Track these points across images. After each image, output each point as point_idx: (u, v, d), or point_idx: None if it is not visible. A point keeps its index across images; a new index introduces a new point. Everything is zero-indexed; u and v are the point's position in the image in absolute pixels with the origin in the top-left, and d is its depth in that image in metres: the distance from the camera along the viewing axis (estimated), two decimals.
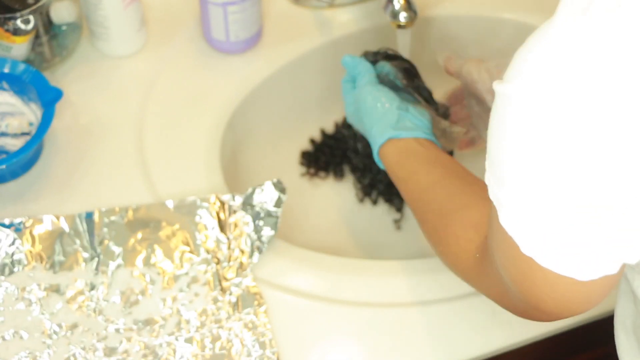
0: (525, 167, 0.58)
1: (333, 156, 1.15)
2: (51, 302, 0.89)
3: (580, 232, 0.58)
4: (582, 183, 0.56)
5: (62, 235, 0.92)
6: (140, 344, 0.87)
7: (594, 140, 0.54)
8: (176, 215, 0.94)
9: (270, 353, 0.87)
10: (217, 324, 0.89)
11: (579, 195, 0.56)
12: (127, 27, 1.06)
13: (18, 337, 0.88)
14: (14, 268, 0.91)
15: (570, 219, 0.57)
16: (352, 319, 0.90)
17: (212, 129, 1.03)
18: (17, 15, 0.99)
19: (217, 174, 0.99)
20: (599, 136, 0.54)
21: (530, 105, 0.56)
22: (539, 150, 0.57)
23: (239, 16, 1.04)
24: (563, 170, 0.56)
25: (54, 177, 0.98)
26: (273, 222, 0.93)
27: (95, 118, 1.03)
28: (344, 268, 0.93)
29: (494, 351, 0.89)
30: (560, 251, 0.59)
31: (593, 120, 0.54)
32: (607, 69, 0.53)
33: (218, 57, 1.09)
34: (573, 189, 0.56)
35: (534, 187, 0.58)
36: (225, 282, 0.91)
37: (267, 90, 1.09)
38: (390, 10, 1.03)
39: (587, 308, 0.64)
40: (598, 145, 0.54)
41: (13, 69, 0.99)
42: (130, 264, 0.92)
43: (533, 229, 0.59)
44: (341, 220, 1.12)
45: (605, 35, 0.53)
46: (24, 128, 1.01)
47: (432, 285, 0.92)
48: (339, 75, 1.15)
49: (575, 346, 1.01)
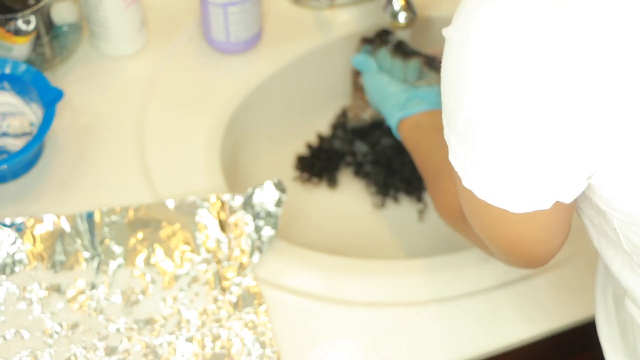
0: (463, 103, 0.61)
1: (329, 161, 1.15)
2: (52, 302, 0.90)
3: (514, 166, 0.61)
4: (516, 121, 0.59)
5: (63, 235, 0.93)
6: (141, 343, 0.88)
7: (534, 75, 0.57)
8: (177, 215, 0.94)
9: (271, 352, 0.87)
10: (217, 324, 0.89)
11: (512, 132, 0.60)
12: (128, 27, 1.06)
13: (19, 336, 0.88)
14: (15, 268, 0.91)
15: (505, 154, 0.61)
16: (352, 319, 0.90)
17: (213, 129, 1.03)
18: (18, 15, 1.00)
19: (217, 174, 1.00)
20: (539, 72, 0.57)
21: (466, 44, 0.60)
22: (477, 86, 0.60)
23: (239, 16, 1.04)
24: (500, 106, 0.59)
25: (55, 177, 0.99)
26: (273, 222, 0.93)
27: (96, 118, 1.03)
28: (344, 268, 0.93)
29: (494, 351, 0.90)
30: (495, 183, 0.63)
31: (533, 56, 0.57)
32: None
33: (218, 57, 1.09)
34: (512, 123, 0.59)
35: (476, 122, 0.61)
36: (225, 282, 0.91)
37: (268, 90, 1.09)
38: (390, 10, 1.03)
39: (551, 247, 0.70)
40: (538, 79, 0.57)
41: (14, 69, 0.99)
42: (131, 264, 0.92)
43: (473, 163, 0.63)
44: (341, 220, 1.12)
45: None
46: (25, 128, 1.01)
47: (432, 285, 0.92)
48: (339, 75, 1.15)
49: (575, 346, 1.01)
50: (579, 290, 0.92)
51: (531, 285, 0.92)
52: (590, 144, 0.59)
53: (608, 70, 0.56)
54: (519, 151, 0.60)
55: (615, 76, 0.57)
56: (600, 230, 0.71)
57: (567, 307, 0.91)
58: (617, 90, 0.57)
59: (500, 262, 0.77)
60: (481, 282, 0.92)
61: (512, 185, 0.63)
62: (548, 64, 0.57)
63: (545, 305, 0.91)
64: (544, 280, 0.92)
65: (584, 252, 0.94)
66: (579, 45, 0.56)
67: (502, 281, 0.92)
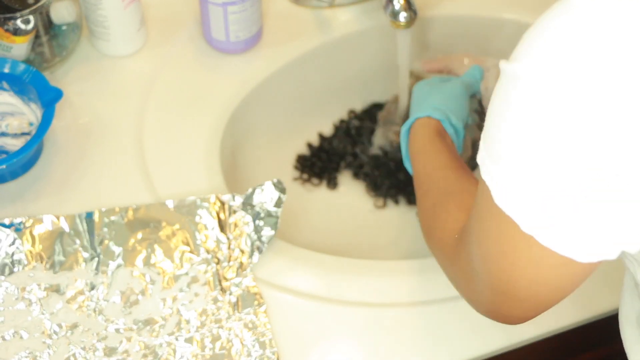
0: (528, 146, 0.57)
1: (330, 162, 1.15)
2: (51, 302, 0.89)
3: (583, 211, 0.57)
4: (586, 164, 0.55)
5: (62, 235, 0.92)
6: (140, 344, 0.87)
7: (602, 122, 0.54)
8: (176, 215, 0.94)
9: (270, 353, 0.87)
10: (217, 324, 0.89)
11: (581, 176, 0.56)
12: (127, 27, 1.06)
13: (18, 337, 0.88)
14: (14, 268, 0.91)
15: (573, 199, 0.57)
16: (352, 319, 0.90)
17: (212, 128, 1.03)
18: (17, 15, 0.99)
19: (217, 174, 0.99)
20: (608, 118, 0.54)
21: (540, 86, 0.56)
22: (543, 129, 0.56)
23: (239, 16, 1.04)
24: (569, 150, 0.56)
25: (54, 177, 0.98)
26: (273, 222, 0.93)
27: (95, 118, 1.03)
28: (344, 268, 0.93)
29: (494, 351, 0.89)
30: (562, 230, 0.58)
31: (604, 103, 0.54)
32: (628, 53, 0.53)
33: (218, 57, 1.09)
34: (577, 169, 0.56)
35: (537, 166, 0.57)
36: (225, 282, 0.91)
37: (268, 90, 1.09)
38: (390, 10, 1.03)
39: (558, 299, 0.64)
40: (606, 126, 0.54)
41: (13, 69, 0.99)
42: (130, 264, 0.92)
43: (534, 207, 0.58)
44: (341, 220, 1.12)
45: (629, 17, 0.53)
46: (24, 128, 1.01)
47: (432, 285, 0.92)
48: (339, 75, 1.15)
49: (575, 346, 1.01)
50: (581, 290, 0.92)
51: None
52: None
53: None
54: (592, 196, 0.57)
55: None
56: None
57: (567, 308, 0.91)
58: None
59: (473, 305, 0.72)
60: None
61: (581, 232, 0.58)
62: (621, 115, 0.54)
63: None
64: None
65: None
66: None
67: None
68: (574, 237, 0.58)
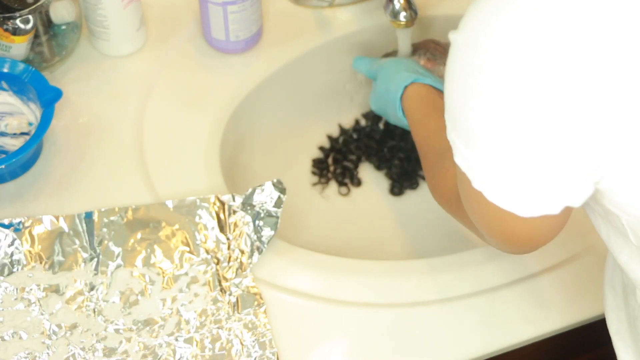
0: (471, 107, 0.62)
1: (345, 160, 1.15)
2: (50, 303, 0.89)
3: (523, 170, 0.62)
4: (528, 125, 0.60)
5: (61, 236, 0.92)
6: (139, 344, 0.87)
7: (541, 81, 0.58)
8: (176, 215, 0.93)
9: (270, 353, 0.87)
10: (216, 325, 0.88)
11: (523, 135, 0.60)
12: (127, 26, 1.06)
13: (17, 337, 0.88)
14: (13, 268, 0.91)
15: (515, 157, 0.62)
16: (352, 319, 0.90)
17: (212, 128, 1.03)
18: (16, 14, 0.99)
19: (216, 174, 0.99)
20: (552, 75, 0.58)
21: (476, 49, 0.60)
22: (487, 91, 0.60)
23: (239, 16, 1.04)
24: (508, 110, 0.60)
25: (53, 177, 0.98)
26: (273, 222, 0.93)
27: (95, 118, 1.03)
28: (344, 268, 0.93)
29: (494, 351, 0.89)
30: (505, 187, 0.64)
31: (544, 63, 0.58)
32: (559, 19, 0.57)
33: (218, 57, 1.09)
34: (520, 129, 0.60)
35: (484, 127, 0.62)
36: (225, 283, 0.91)
37: (267, 90, 1.09)
38: (391, 9, 1.03)
39: (532, 246, 0.71)
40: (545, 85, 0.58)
41: (12, 68, 0.99)
42: (129, 264, 0.91)
43: (482, 166, 0.64)
44: (341, 220, 1.12)
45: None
46: (23, 128, 1.01)
47: (432, 285, 0.91)
48: (339, 74, 1.15)
49: (575, 346, 1.00)
50: (582, 291, 0.92)
51: (533, 286, 0.92)
52: (597, 148, 0.60)
53: (613, 76, 0.57)
54: (528, 155, 0.61)
55: (620, 81, 0.57)
56: (608, 222, 0.71)
57: (570, 308, 0.91)
58: (620, 95, 0.58)
59: (484, 241, 0.78)
60: (481, 283, 0.92)
61: (521, 189, 0.64)
62: (556, 71, 0.58)
63: (548, 306, 0.91)
64: (546, 281, 0.92)
65: (587, 252, 0.94)
66: (582, 50, 0.57)
67: (502, 282, 0.92)
68: (513, 193, 0.64)
